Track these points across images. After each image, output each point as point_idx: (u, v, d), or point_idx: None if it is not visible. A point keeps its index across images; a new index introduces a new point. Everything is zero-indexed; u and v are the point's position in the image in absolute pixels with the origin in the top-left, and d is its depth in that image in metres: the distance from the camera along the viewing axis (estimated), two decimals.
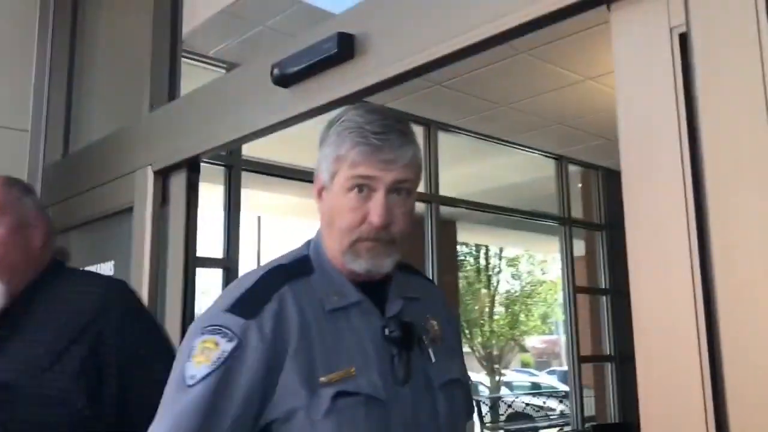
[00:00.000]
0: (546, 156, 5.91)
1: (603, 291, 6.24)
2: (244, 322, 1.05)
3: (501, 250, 15.28)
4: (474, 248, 14.60)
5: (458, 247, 10.56)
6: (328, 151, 1.12)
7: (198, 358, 1.04)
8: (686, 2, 1.06)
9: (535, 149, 5.68)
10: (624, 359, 6.09)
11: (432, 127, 5.04)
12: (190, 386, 1.03)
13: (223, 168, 3.79)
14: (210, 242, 3.74)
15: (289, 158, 4.15)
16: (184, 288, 2.14)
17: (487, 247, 14.72)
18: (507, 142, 5.43)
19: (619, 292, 6.19)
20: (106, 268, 2.45)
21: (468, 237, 11.79)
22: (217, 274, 3.77)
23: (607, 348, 6.17)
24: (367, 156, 1.08)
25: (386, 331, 1.11)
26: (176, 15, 2.41)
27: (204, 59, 3.65)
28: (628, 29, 1.17)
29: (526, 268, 16.34)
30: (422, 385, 1.12)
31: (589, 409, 6.40)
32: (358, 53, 1.59)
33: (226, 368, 1.03)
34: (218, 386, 1.02)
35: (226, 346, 1.04)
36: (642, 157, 1.13)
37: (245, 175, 3.82)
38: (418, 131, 5.09)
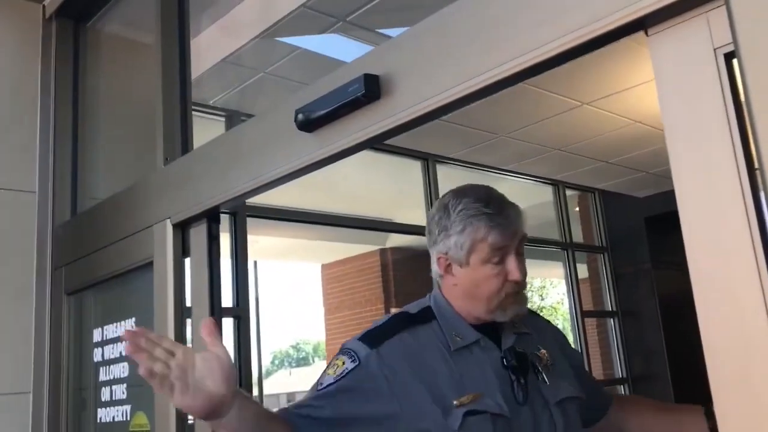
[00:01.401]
0: (542, 182, 5.93)
1: (610, 313, 6.22)
2: (368, 349, 1.37)
3: None
4: None
5: None
6: (463, 238, 1.40)
7: (329, 371, 1.38)
8: (731, 21, 1.06)
9: (532, 176, 5.70)
10: (637, 381, 6.05)
11: (430, 160, 5.06)
12: (319, 390, 1.37)
13: (227, 215, 3.78)
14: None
15: (285, 201, 4.14)
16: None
17: None
18: (504, 170, 5.46)
19: (627, 314, 6.17)
20: (128, 326, 2.40)
21: None
22: (228, 323, 3.73)
23: (619, 371, 6.13)
24: (501, 235, 1.38)
25: (504, 361, 1.39)
26: (185, 66, 2.41)
27: (205, 109, 3.66)
28: (669, 54, 1.17)
29: None
30: (540, 403, 1.38)
31: None
32: (384, 94, 1.58)
33: (346, 381, 1.34)
34: (334, 393, 1.34)
35: (349, 365, 1.35)
36: (697, 184, 1.11)
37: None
38: (416, 165, 5.12)
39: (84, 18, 3.12)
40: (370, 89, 1.57)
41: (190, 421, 2.10)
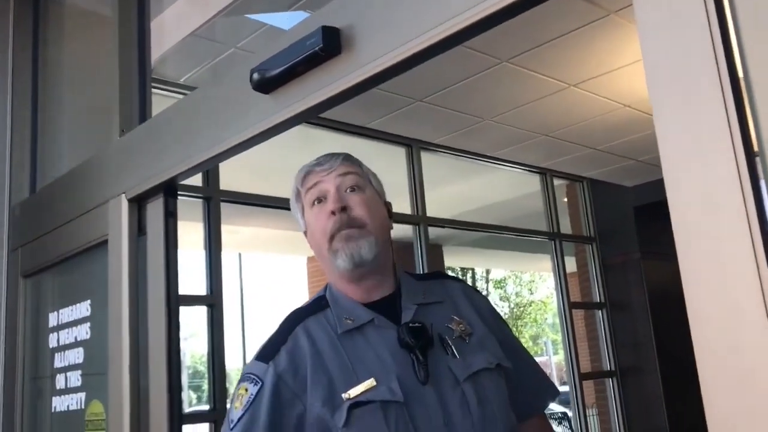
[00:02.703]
0: (530, 171, 5.81)
1: (598, 305, 6.11)
2: (265, 366, 1.25)
3: (487, 272, 15.16)
4: (460, 272, 14.46)
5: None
6: (293, 197, 1.40)
7: (236, 404, 1.26)
8: None
9: (519, 164, 5.57)
10: (625, 373, 5.94)
11: (414, 147, 4.93)
12: (231, 429, 1.24)
13: (201, 200, 3.64)
14: (192, 281, 3.57)
15: (265, 188, 3.99)
16: (168, 325, 1.96)
17: (473, 269, 14.60)
18: (490, 158, 5.33)
19: (616, 305, 6.07)
20: (83, 309, 2.26)
21: (453, 261, 11.64)
22: (202, 312, 3.60)
23: (607, 363, 6.03)
24: (311, 174, 1.36)
25: (399, 340, 1.25)
26: (143, 34, 2.26)
27: (175, 87, 3.51)
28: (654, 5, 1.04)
29: (514, 289, 16.22)
30: (449, 381, 1.23)
31: (593, 428, 6.22)
32: (345, 48, 1.45)
33: (253, 409, 1.22)
34: (246, 426, 1.21)
35: (252, 390, 1.24)
36: (687, 162, 0.98)
37: (224, 211, 3.67)
38: (400, 152, 4.98)
39: None
40: (329, 43, 1.44)
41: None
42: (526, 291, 16.33)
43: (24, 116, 2.80)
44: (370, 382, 1.19)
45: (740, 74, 0.93)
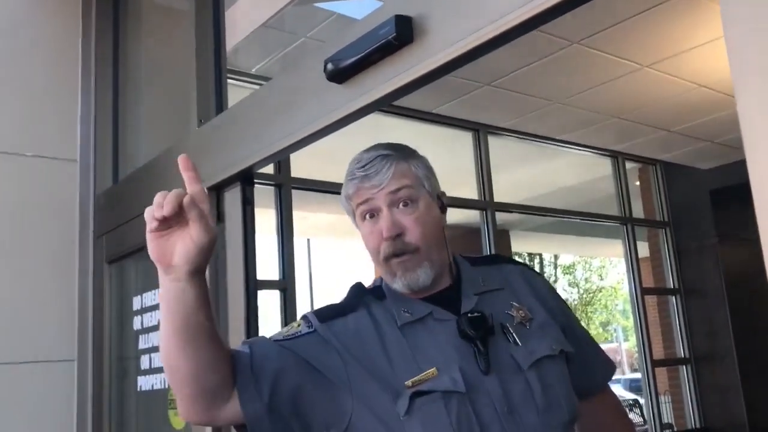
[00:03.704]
0: (601, 154, 5.71)
1: (672, 291, 5.97)
2: (321, 324, 1.26)
3: (556, 257, 14.96)
4: (528, 257, 14.31)
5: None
6: (342, 196, 1.34)
7: (282, 331, 1.28)
8: None
9: (590, 147, 5.47)
10: (700, 360, 5.80)
11: (481, 131, 4.90)
12: (273, 339, 1.26)
13: (273, 188, 3.72)
14: (264, 266, 3.67)
15: (334, 175, 4.05)
16: (246, 310, 2.03)
17: (540, 255, 14.43)
18: (559, 141, 5.25)
19: (690, 291, 5.91)
20: None
21: (521, 246, 11.53)
22: (275, 297, 3.69)
23: (681, 350, 5.89)
24: (358, 188, 1.28)
25: (459, 330, 1.23)
26: (219, 26, 2.33)
27: (248, 77, 3.59)
28: None
29: (583, 275, 15.94)
30: (512, 369, 1.22)
31: (666, 416, 6.10)
32: (417, 36, 1.46)
33: (299, 338, 1.24)
34: (287, 341, 1.24)
35: (304, 329, 1.26)
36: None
37: (294, 197, 3.75)
38: (467, 137, 4.96)
39: None
40: (402, 31, 1.46)
41: None
42: (596, 277, 16.03)
43: (106, 109, 2.92)
44: (432, 371, 1.18)
45: None
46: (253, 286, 2.08)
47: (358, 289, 1.36)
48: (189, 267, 1.07)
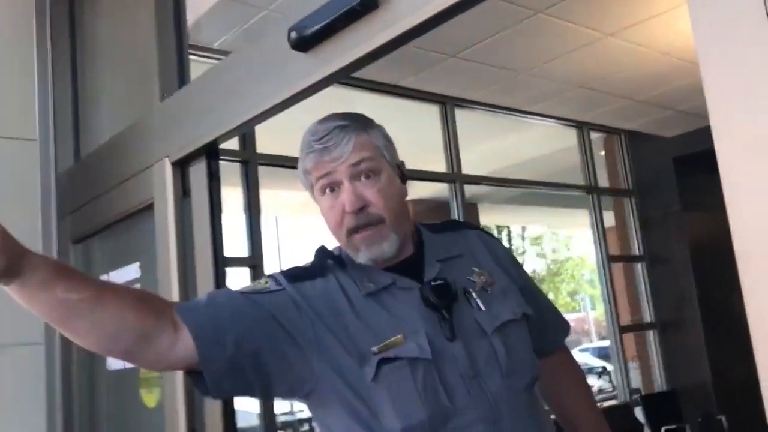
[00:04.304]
0: (566, 125, 5.74)
1: (638, 258, 6.07)
2: (289, 284, 1.25)
3: (524, 229, 15.11)
4: (496, 230, 14.43)
5: None
6: (299, 170, 1.31)
7: (248, 286, 1.27)
8: None
9: (555, 118, 5.50)
10: (666, 326, 5.92)
11: (448, 104, 4.90)
12: (234, 291, 1.26)
13: (239, 165, 3.68)
14: (234, 244, 3.64)
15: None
16: (216, 286, 2.02)
17: (509, 227, 14.56)
18: (524, 112, 5.27)
19: (656, 258, 6.02)
20: (132, 271, 2.33)
21: (489, 219, 11.61)
22: (245, 274, 3.67)
23: (648, 316, 6.01)
24: (317, 161, 1.25)
25: (423, 298, 1.24)
26: (179, 1, 2.28)
27: (209, 52, 3.53)
28: None
29: (551, 246, 16.14)
30: (476, 334, 1.24)
31: (634, 381, 6.23)
32: (382, 2, 1.45)
33: (264, 296, 1.22)
34: (249, 297, 1.22)
35: (273, 286, 1.25)
36: (736, 110, 0.97)
37: (262, 175, 3.71)
38: (434, 110, 4.95)
39: None
40: None
41: None
42: (563, 248, 16.26)
43: (65, 86, 2.85)
44: (398, 338, 1.19)
45: None
46: (221, 261, 2.06)
47: (323, 254, 1.34)
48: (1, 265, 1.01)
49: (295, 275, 1.28)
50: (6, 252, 0.99)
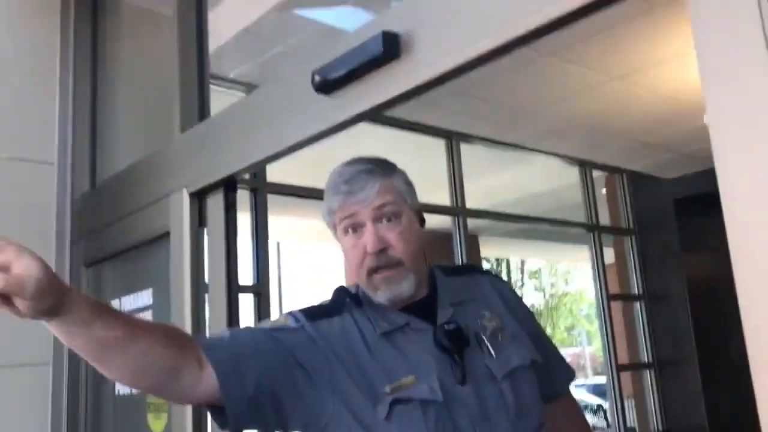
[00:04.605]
0: (568, 162, 5.82)
1: (637, 297, 6.11)
2: (309, 322, 1.30)
3: (522, 262, 15.14)
4: (495, 262, 14.47)
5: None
6: (323, 210, 1.38)
7: (267, 323, 1.34)
8: None
9: (558, 155, 5.58)
10: (663, 365, 5.94)
11: (454, 139, 4.97)
12: (256, 329, 1.32)
13: (248, 192, 3.74)
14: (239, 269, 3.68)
15: (306, 180, 4.08)
16: (228, 315, 2.07)
17: (507, 260, 14.59)
18: (528, 149, 5.35)
19: (655, 297, 6.06)
20: (145, 297, 2.38)
21: (489, 251, 11.67)
22: (248, 300, 3.70)
23: (645, 355, 6.03)
24: (343, 203, 1.32)
25: (436, 342, 1.29)
26: (201, 33, 2.36)
27: (223, 81, 3.61)
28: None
29: (549, 280, 16.16)
30: (486, 378, 1.28)
31: (630, 420, 6.23)
32: (403, 52, 1.52)
33: (283, 333, 1.28)
34: (271, 334, 1.27)
35: (292, 324, 1.30)
36: (741, 155, 1.03)
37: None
38: (440, 144, 5.03)
39: None
40: (389, 47, 1.51)
41: None
42: (561, 282, 16.26)
43: (84, 112, 2.92)
44: (410, 379, 1.23)
45: None
46: (235, 291, 2.11)
47: (341, 292, 1.40)
48: (45, 306, 1.03)
49: (313, 314, 1.33)
50: (53, 292, 1.02)
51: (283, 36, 3.28)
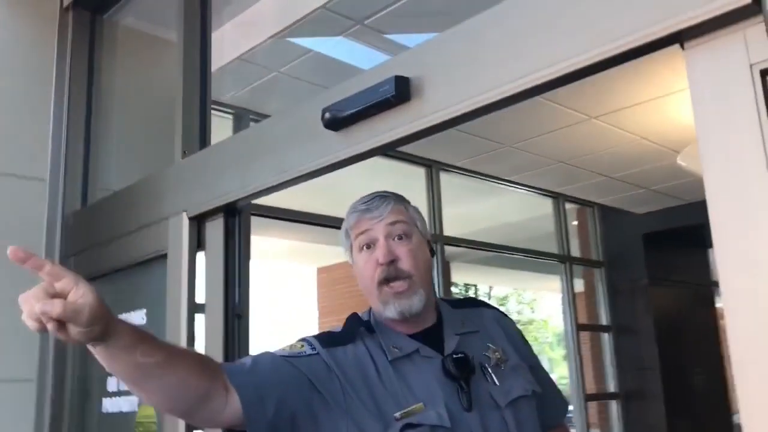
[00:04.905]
0: (543, 195, 5.97)
1: (605, 328, 6.25)
2: (324, 349, 1.37)
3: (490, 289, 15.29)
4: (464, 288, 14.58)
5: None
6: (343, 235, 1.47)
7: (285, 348, 1.39)
8: None
9: (533, 188, 5.73)
10: (629, 396, 6.07)
11: (434, 168, 5.09)
12: (275, 354, 1.36)
13: None
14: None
15: (282, 202, 4.15)
16: (225, 340, 2.11)
17: (476, 286, 14.72)
18: (505, 181, 5.49)
19: (622, 329, 6.21)
20: (138, 317, 2.41)
21: (460, 277, 11.78)
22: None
23: (612, 386, 6.16)
24: (358, 219, 1.43)
25: (444, 370, 1.36)
26: (205, 61, 2.43)
27: (213, 105, 3.67)
28: (705, 69, 1.19)
29: (516, 307, 16.32)
30: (490, 406, 1.35)
31: None
32: (414, 96, 1.60)
33: (301, 358, 1.34)
34: (290, 357, 1.34)
35: (308, 350, 1.36)
36: (729, 200, 1.14)
37: None
38: (420, 172, 5.13)
39: (101, 9, 3.12)
40: (401, 91, 1.59)
41: None
42: (528, 309, 16.44)
43: (78, 131, 2.95)
44: (419, 406, 1.29)
45: None
46: (231, 315, 2.15)
47: (354, 320, 1.46)
48: (95, 332, 1.08)
49: (327, 341, 1.39)
50: (103, 319, 1.08)
51: (277, 63, 3.35)
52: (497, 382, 1.38)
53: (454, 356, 1.37)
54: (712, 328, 6.39)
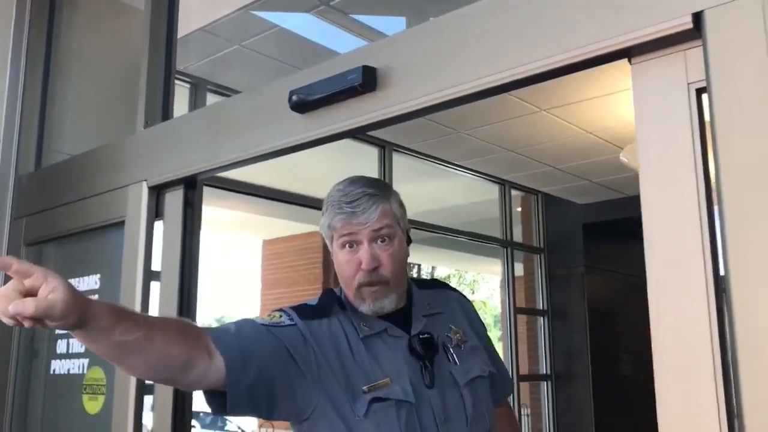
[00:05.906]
0: (490, 180, 6.12)
1: (541, 312, 6.48)
2: (301, 320, 1.44)
3: (433, 269, 15.55)
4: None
5: None
6: (323, 221, 1.49)
7: (264, 317, 1.45)
8: (706, 60, 1.20)
9: (482, 173, 5.88)
10: (560, 378, 6.34)
11: (387, 148, 5.17)
12: (256, 322, 1.42)
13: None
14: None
15: (231, 173, 4.18)
16: (179, 310, 2.17)
17: (419, 265, 14.95)
18: (455, 165, 5.61)
19: (557, 313, 6.45)
20: (92, 282, 2.44)
21: None
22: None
23: (544, 367, 6.41)
24: (346, 222, 1.44)
25: (410, 348, 1.46)
26: (171, 32, 2.45)
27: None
28: (648, 83, 1.31)
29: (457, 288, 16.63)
30: (450, 384, 1.46)
31: (525, 428, 6.61)
32: (379, 87, 1.68)
33: (279, 328, 1.41)
34: (269, 329, 1.40)
35: (286, 321, 1.43)
36: (661, 200, 1.26)
37: None
38: (373, 152, 5.21)
39: None
40: (367, 80, 1.67)
41: (148, 382, 2.13)
42: (468, 290, 16.80)
43: (35, 92, 2.92)
44: (386, 381, 1.39)
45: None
46: (187, 284, 2.21)
47: (330, 296, 1.53)
48: (71, 322, 1.10)
49: (305, 313, 1.46)
50: (77, 309, 1.09)
51: (240, 36, 3.37)
52: (458, 362, 1.48)
53: (420, 336, 1.47)
54: (642, 317, 6.68)
